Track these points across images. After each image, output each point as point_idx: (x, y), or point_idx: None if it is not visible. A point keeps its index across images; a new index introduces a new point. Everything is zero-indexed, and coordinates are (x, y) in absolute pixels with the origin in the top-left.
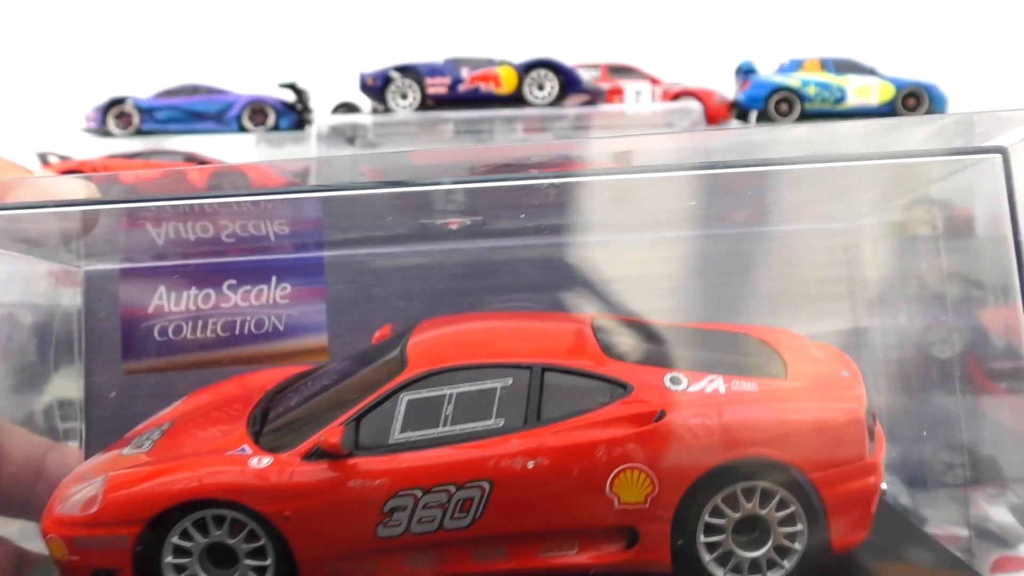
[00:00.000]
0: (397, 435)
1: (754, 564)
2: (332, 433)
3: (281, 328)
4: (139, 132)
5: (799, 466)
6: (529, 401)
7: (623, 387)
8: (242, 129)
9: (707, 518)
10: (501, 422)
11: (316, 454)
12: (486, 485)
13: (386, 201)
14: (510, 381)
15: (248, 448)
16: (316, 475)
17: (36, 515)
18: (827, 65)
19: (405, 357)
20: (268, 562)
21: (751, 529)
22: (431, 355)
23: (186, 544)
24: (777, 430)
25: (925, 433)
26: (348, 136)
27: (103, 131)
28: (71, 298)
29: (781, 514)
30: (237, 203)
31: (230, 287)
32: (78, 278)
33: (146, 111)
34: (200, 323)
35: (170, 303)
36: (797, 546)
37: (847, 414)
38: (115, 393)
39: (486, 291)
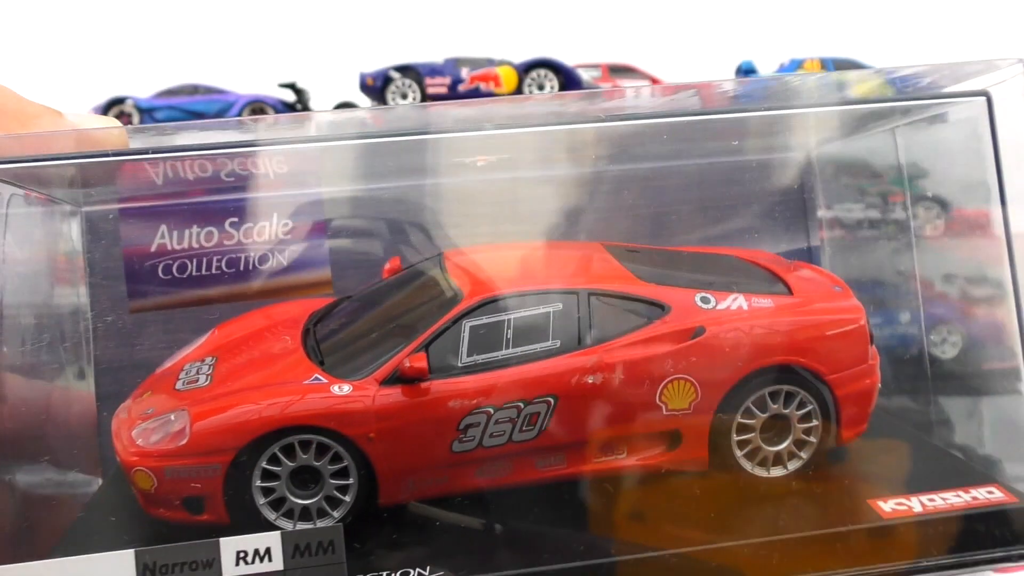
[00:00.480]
0: (465, 359)
1: (777, 457)
2: (417, 359)
3: (285, 263)
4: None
5: (817, 370)
6: (580, 323)
7: (661, 307)
8: None
9: (739, 419)
10: (558, 343)
11: (393, 379)
12: (551, 400)
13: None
14: (560, 305)
15: (322, 377)
16: (396, 398)
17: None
18: (827, 65)
19: (456, 287)
20: (350, 481)
21: (773, 426)
22: (484, 284)
23: (275, 468)
24: (797, 339)
25: None
26: None
27: None
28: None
29: (801, 412)
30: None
31: (232, 224)
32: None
33: (145, 111)
34: (204, 260)
35: (173, 241)
36: (812, 439)
37: (852, 323)
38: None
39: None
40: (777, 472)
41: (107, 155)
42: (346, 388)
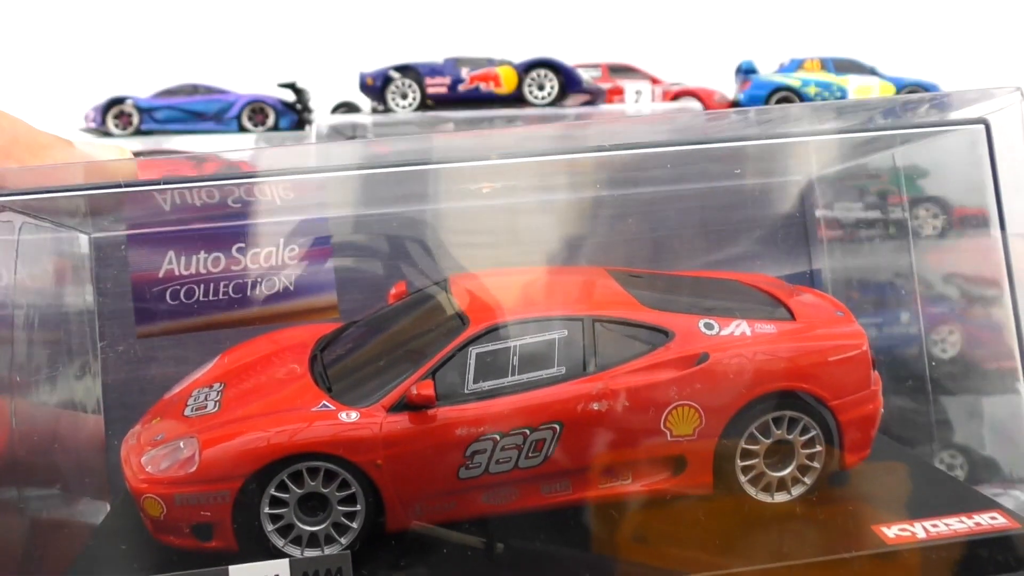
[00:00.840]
0: (471, 385)
1: (781, 483)
2: (424, 386)
3: (291, 288)
4: (138, 132)
5: (820, 395)
6: (585, 350)
7: (665, 333)
8: (242, 129)
9: (743, 444)
10: (563, 370)
11: (400, 406)
12: (557, 427)
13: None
14: (565, 332)
15: (329, 404)
16: (404, 425)
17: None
18: (827, 65)
19: (463, 313)
20: (358, 508)
21: (776, 452)
22: (490, 311)
23: (283, 495)
24: (799, 364)
25: None
26: (348, 136)
27: (102, 131)
28: None
29: (804, 438)
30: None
31: (239, 250)
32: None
33: (145, 111)
34: (211, 285)
35: (180, 267)
36: (816, 465)
37: (854, 348)
38: None
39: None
40: (781, 497)
41: (119, 186)
42: (354, 415)
